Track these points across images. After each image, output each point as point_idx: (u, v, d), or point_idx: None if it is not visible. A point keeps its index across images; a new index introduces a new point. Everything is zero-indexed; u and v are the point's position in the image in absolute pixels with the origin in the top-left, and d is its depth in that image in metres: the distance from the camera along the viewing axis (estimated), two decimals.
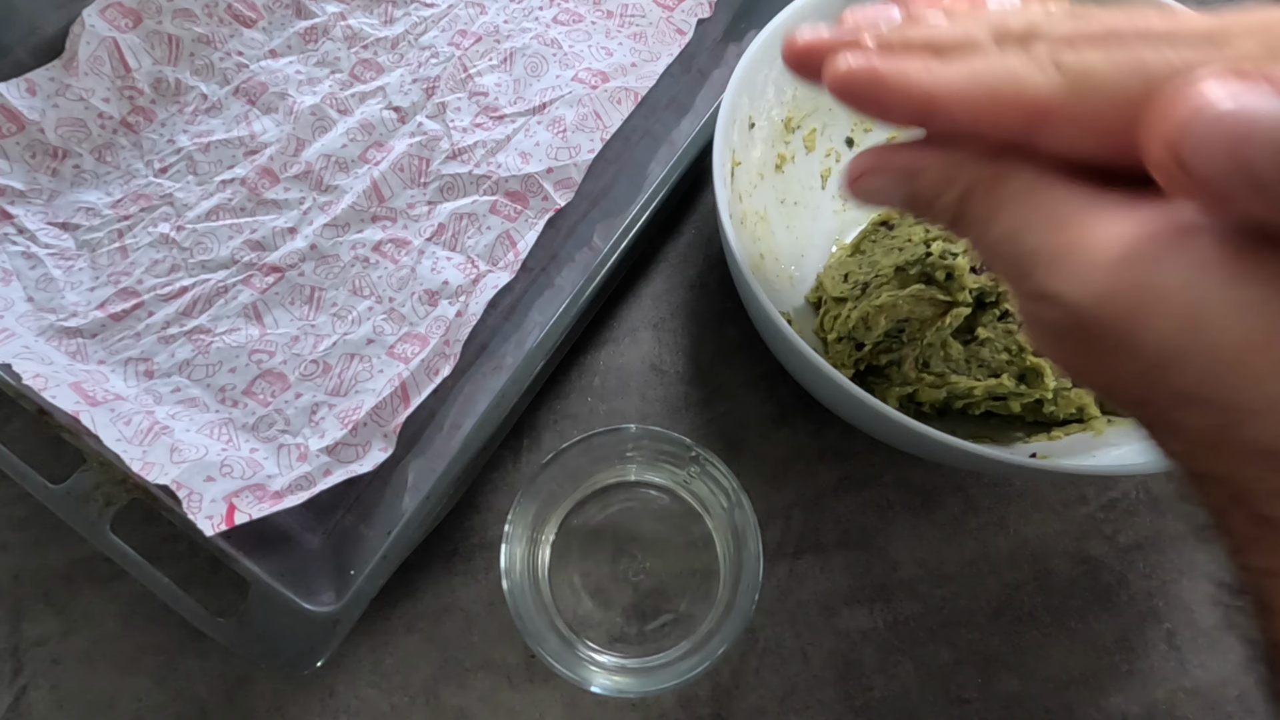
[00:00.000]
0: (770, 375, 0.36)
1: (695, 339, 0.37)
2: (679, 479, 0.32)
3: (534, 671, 0.31)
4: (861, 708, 0.31)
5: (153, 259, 0.36)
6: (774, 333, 0.28)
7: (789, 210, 0.37)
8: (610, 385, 0.36)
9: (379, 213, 0.37)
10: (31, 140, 0.37)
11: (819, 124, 0.38)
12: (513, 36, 0.40)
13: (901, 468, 0.35)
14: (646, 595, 0.32)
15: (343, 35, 0.41)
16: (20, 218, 0.36)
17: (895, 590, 0.33)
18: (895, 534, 0.34)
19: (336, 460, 0.31)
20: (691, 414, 0.36)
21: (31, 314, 0.34)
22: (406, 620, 0.32)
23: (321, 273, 0.36)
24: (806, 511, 0.34)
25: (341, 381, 0.33)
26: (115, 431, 0.30)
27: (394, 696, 0.31)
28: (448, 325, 0.34)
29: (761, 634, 0.32)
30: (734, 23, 0.44)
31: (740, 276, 0.29)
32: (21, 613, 0.32)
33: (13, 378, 0.31)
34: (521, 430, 0.35)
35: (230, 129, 0.39)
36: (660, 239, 0.39)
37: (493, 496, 0.34)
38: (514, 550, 0.28)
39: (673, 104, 0.41)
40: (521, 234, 0.36)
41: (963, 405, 0.33)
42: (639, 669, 0.29)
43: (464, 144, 0.37)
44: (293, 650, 0.28)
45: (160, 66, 0.39)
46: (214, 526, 0.28)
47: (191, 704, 0.31)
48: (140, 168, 0.38)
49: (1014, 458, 0.25)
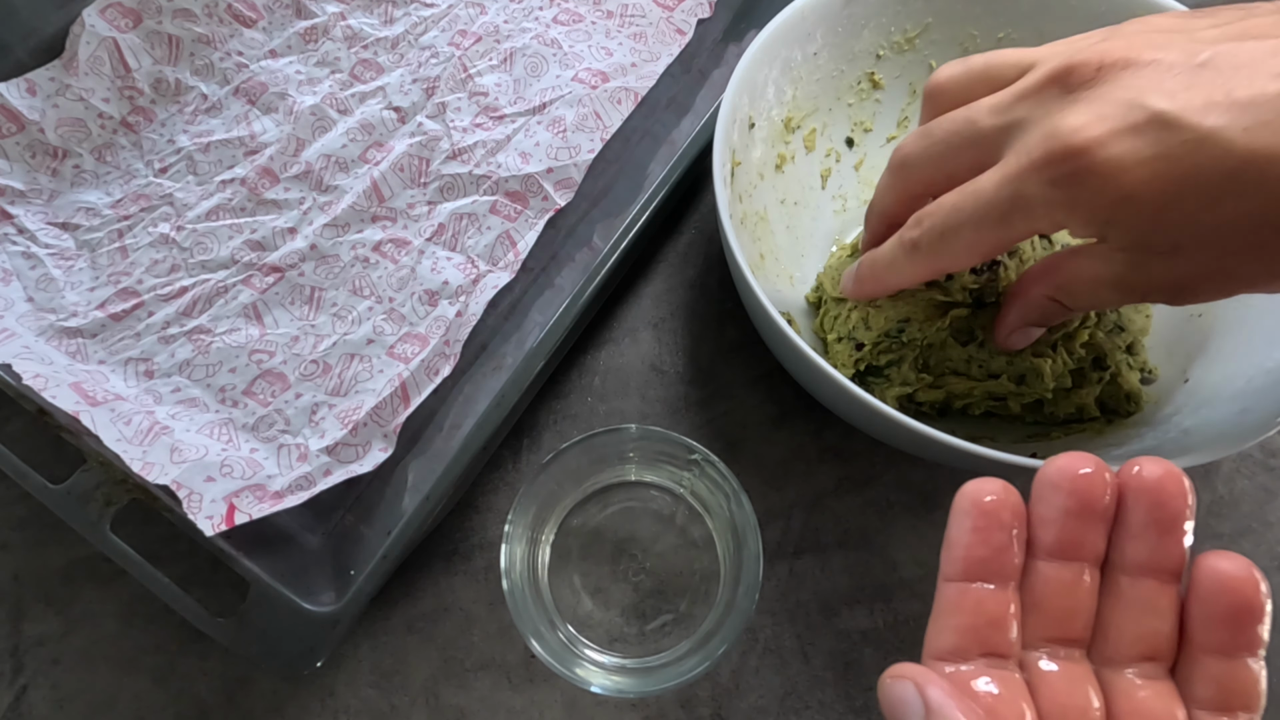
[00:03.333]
0: (770, 375, 0.36)
1: (695, 339, 0.37)
2: (679, 479, 0.32)
3: (534, 671, 0.31)
4: (861, 708, 0.31)
5: (153, 259, 0.36)
6: (774, 333, 0.28)
7: (789, 210, 0.37)
8: (610, 385, 0.36)
9: (379, 213, 0.37)
10: (31, 140, 0.37)
11: (819, 124, 0.38)
12: (513, 36, 0.40)
13: (901, 468, 0.35)
14: (646, 595, 0.32)
15: (343, 35, 0.41)
16: (20, 218, 0.36)
17: (895, 590, 0.33)
18: (895, 534, 0.34)
19: (336, 460, 0.31)
20: (691, 414, 0.36)
21: (31, 314, 0.34)
22: (406, 620, 0.32)
23: (321, 273, 0.36)
24: (806, 511, 0.34)
25: (341, 381, 0.33)
26: (115, 431, 0.30)
27: (394, 696, 0.31)
28: (448, 325, 0.34)
29: (761, 634, 0.32)
30: (734, 23, 0.44)
31: (740, 276, 0.29)
32: (21, 613, 0.32)
33: (13, 378, 0.31)
34: (521, 430, 0.35)
35: (230, 129, 0.39)
36: (660, 239, 0.39)
37: (493, 496, 0.34)
38: (514, 550, 0.28)
39: (673, 104, 0.41)
40: (521, 234, 0.36)
41: (962, 405, 0.33)
42: (639, 669, 0.29)
43: (464, 144, 0.37)
44: (293, 650, 0.28)
45: (160, 66, 0.39)
46: (214, 526, 0.28)
47: (191, 704, 0.31)
48: (140, 168, 0.38)
49: (1014, 458, 0.25)
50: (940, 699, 0.17)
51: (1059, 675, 0.19)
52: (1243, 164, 0.20)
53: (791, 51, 0.35)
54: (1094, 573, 0.19)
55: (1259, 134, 0.19)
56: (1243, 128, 0.20)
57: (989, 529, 0.19)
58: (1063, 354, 0.31)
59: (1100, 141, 0.21)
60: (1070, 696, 0.18)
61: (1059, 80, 0.22)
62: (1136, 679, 0.18)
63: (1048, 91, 0.23)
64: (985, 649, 0.19)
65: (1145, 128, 0.21)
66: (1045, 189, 0.22)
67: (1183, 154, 0.20)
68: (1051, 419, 0.32)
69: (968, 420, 0.33)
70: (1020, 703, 0.18)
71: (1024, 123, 0.23)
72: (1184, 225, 0.21)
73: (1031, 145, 0.22)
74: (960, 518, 0.19)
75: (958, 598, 0.19)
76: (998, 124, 0.24)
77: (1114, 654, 0.19)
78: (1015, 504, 0.19)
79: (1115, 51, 0.22)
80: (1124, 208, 0.21)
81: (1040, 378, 0.31)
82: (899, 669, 0.18)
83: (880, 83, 0.38)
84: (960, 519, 0.19)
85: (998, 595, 0.19)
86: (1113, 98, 0.21)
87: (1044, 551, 0.19)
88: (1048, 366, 0.31)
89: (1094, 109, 0.21)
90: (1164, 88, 0.21)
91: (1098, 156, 0.21)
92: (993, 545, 0.19)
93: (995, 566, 0.19)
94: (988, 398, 0.32)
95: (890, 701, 0.18)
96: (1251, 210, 0.20)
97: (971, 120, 0.24)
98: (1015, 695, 0.18)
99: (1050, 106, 0.22)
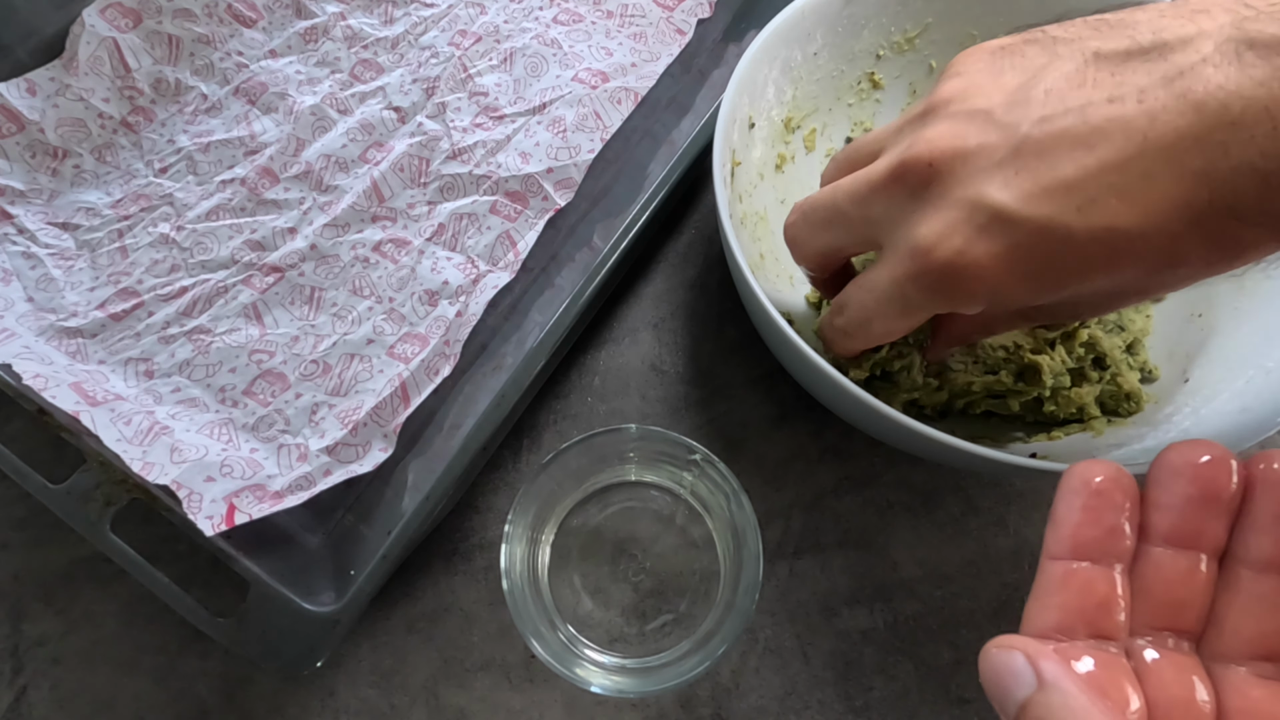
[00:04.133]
0: (770, 375, 0.36)
1: (695, 339, 0.37)
2: (679, 479, 0.32)
3: (534, 671, 0.31)
4: (861, 708, 0.31)
5: (153, 259, 0.36)
6: (774, 333, 0.28)
7: (789, 210, 0.37)
8: (610, 385, 0.36)
9: (379, 213, 0.37)
10: (31, 140, 0.37)
11: (819, 124, 0.38)
12: (513, 36, 0.40)
13: (901, 468, 0.35)
14: (646, 595, 0.32)
15: (343, 35, 0.41)
16: (20, 218, 0.36)
17: (895, 590, 0.33)
18: (895, 534, 0.34)
19: (336, 460, 0.31)
20: (691, 414, 0.36)
21: (31, 314, 0.34)
22: (406, 620, 0.32)
23: (321, 273, 0.36)
24: (806, 511, 0.34)
25: (341, 381, 0.33)
26: (115, 431, 0.30)
27: (394, 696, 0.31)
28: (448, 325, 0.34)
29: (761, 634, 0.32)
30: (734, 23, 0.44)
31: (740, 276, 0.29)
32: (21, 613, 0.32)
33: (13, 378, 0.31)
34: (521, 430, 0.35)
35: (230, 129, 0.39)
36: (660, 239, 0.39)
37: (493, 496, 0.34)
38: (514, 550, 0.28)
39: (673, 104, 0.41)
40: (521, 234, 0.36)
41: (963, 405, 0.33)
42: (639, 669, 0.29)
43: (464, 144, 0.37)
44: (293, 650, 0.28)
45: (160, 66, 0.39)
46: (214, 526, 0.28)
47: (191, 704, 0.31)
48: (140, 168, 0.38)
49: (1014, 458, 0.25)
50: (1056, 672, 0.16)
51: (1166, 665, 0.18)
52: (1087, 243, 0.20)
53: (791, 51, 0.35)
54: (1212, 564, 0.19)
55: (1093, 212, 0.20)
56: (1076, 209, 0.20)
57: (1101, 509, 0.19)
58: (1061, 352, 0.31)
59: (956, 251, 0.22)
60: (1179, 687, 0.18)
61: (899, 179, 0.24)
62: (1250, 677, 0.18)
63: (895, 190, 0.24)
64: (1091, 630, 0.18)
65: (990, 227, 0.21)
66: (924, 294, 0.24)
67: (1031, 243, 0.21)
68: (1051, 419, 0.32)
69: (968, 420, 0.33)
70: (1125, 686, 0.17)
71: (883, 220, 0.25)
72: (1056, 294, 0.22)
73: (901, 256, 0.24)
74: (1069, 496, 0.19)
75: (1065, 576, 0.18)
76: (861, 215, 0.25)
77: (1227, 649, 0.18)
78: (1129, 486, 0.19)
79: (941, 141, 0.23)
80: (997, 293, 0.23)
81: (1038, 375, 0.31)
82: (1006, 639, 0.17)
83: (880, 83, 0.38)
84: (1069, 497, 0.19)
85: (1107, 576, 0.18)
86: (954, 197, 0.22)
87: (1159, 537, 0.19)
88: (1046, 364, 0.31)
89: (941, 216, 0.22)
90: (995, 178, 0.21)
91: (958, 265, 0.22)
92: (1104, 525, 0.18)
93: (1105, 547, 0.19)
94: (986, 395, 0.32)
95: (995, 672, 0.17)
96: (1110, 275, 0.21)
97: (838, 208, 0.26)
98: (1120, 678, 0.17)
99: (904, 206, 0.24)
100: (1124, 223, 0.20)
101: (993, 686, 0.17)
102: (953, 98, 0.23)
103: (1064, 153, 0.20)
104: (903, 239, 0.24)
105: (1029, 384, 0.31)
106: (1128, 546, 0.19)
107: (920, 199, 0.23)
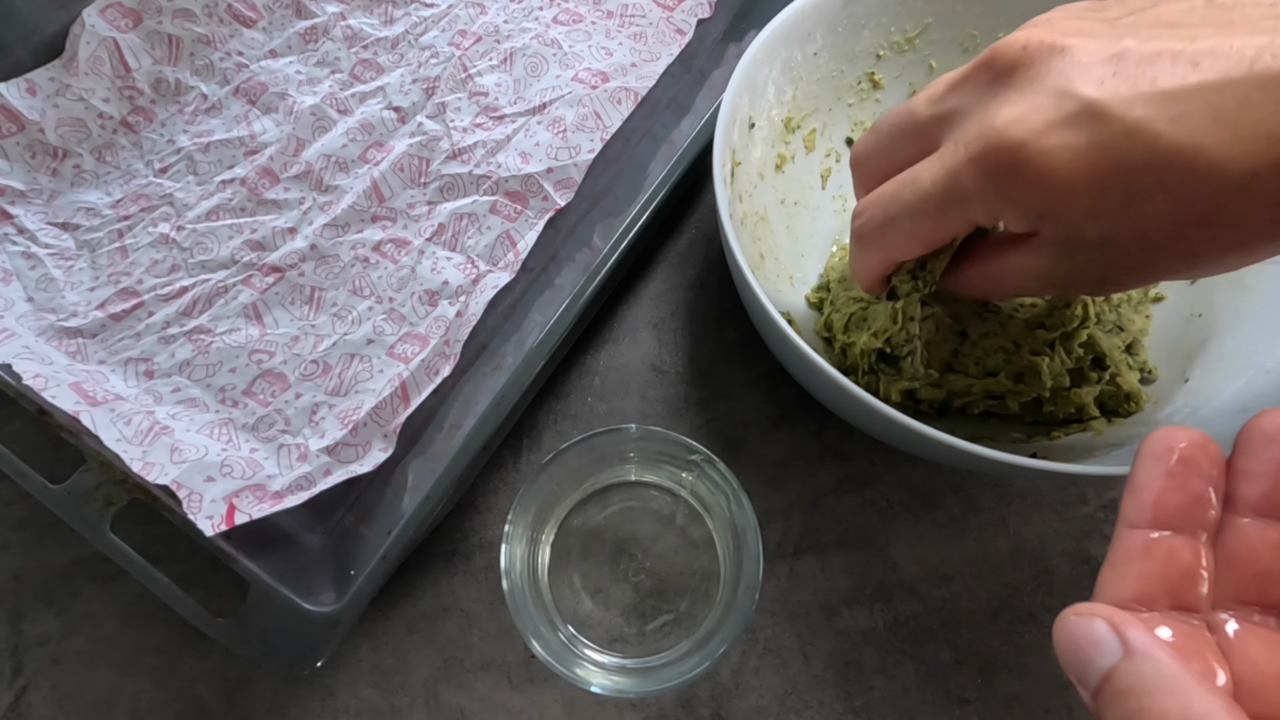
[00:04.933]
0: (770, 375, 0.36)
1: (695, 339, 0.37)
2: (679, 479, 0.32)
3: (534, 671, 0.31)
4: (861, 708, 0.31)
5: (153, 259, 0.36)
6: (774, 333, 0.28)
7: (789, 210, 0.37)
8: (610, 385, 0.36)
9: (379, 213, 0.37)
10: (31, 140, 0.37)
11: (819, 124, 0.38)
12: (513, 36, 0.40)
13: (901, 468, 0.35)
14: (646, 595, 0.32)
15: (343, 35, 0.41)
16: (20, 218, 0.36)
17: (895, 590, 0.33)
18: (895, 534, 0.34)
19: (336, 460, 0.31)
20: (691, 414, 0.36)
21: (31, 314, 0.34)
22: (406, 620, 0.32)
23: (321, 273, 0.36)
24: (806, 511, 0.34)
25: (341, 381, 0.33)
26: (115, 431, 0.30)
27: (394, 696, 0.31)
28: (448, 325, 0.34)
29: (761, 634, 0.32)
30: (734, 23, 0.44)
31: (740, 276, 0.29)
32: (21, 613, 0.32)
33: (13, 378, 0.31)
34: (521, 430, 0.35)
35: (230, 129, 0.39)
36: (660, 239, 0.39)
37: (493, 496, 0.34)
38: (514, 550, 0.28)
39: (673, 104, 0.41)
40: (521, 234, 0.36)
41: (962, 405, 0.33)
42: (639, 669, 0.29)
43: (464, 144, 0.37)
44: (293, 650, 0.28)
45: (160, 66, 0.39)
46: (214, 526, 0.28)
47: (191, 704, 0.31)
48: (140, 168, 0.38)
49: (1014, 458, 0.25)
50: (1144, 640, 0.15)
51: (1252, 639, 0.17)
52: (1170, 156, 0.20)
53: (791, 51, 0.35)
54: None
55: (1183, 126, 0.20)
56: (1168, 119, 0.20)
57: (1186, 475, 0.18)
58: (1060, 353, 0.31)
59: (1035, 135, 0.21)
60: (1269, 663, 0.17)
61: (987, 66, 0.22)
62: None
63: (977, 78, 0.23)
64: (1173, 601, 0.17)
65: (1077, 118, 0.21)
66: (981, 182, 0.22)
67: (1114, 145, 0.20)
68: (1051, 419, 0.32)
69: (967, 420, 0.33)
70: (1209, 659, 0.16)
71: (958, 112, 0.23)
72: (1115, 219, 0.21)
73: (969, 138, 0.22)
74: (1151, 462, 0.18)
75: (1145, 544, 0.17)
76: (934, 114, 0.24)
77: None
78: (1215, 453, 0.18)
79: (1038, 35, 0.22)
80: (1058, 200, 0.21)
81: (1037, 376, 0.31)
82: (1085, 606, 0.16)
83: (880, 83, 0.38)
84: (1151, 463, 0.18)
85: (1191, 546, 0.18)
86: (1043, 85, 0.21)
87: (1248, 508, 0.18)
88: (1045, 365, 0.31)
89: (1026, 100, 0.21)
90: (1092, 75, 0.21)
91: (1032, 150, 0.21)
92: (1189, 493, 0.18)
93: (1190, 516, 0.18)
94: (986, 396, 0.32)
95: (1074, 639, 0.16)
96: (1177, 203, 0.20)
97: (911, 112, 0.25)
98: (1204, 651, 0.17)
99: (983, 94, 0.22)
100: (1212, 144, 0.19)
101: (1070, 656, 0.16)
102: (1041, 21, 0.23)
103: (1165, 66, 0.20)
104: (973, 122, 0.22)
105: (1028, 384, 0.31)
106: (1213, 516, 0.18)
107: (1004, 84, 0.22)
